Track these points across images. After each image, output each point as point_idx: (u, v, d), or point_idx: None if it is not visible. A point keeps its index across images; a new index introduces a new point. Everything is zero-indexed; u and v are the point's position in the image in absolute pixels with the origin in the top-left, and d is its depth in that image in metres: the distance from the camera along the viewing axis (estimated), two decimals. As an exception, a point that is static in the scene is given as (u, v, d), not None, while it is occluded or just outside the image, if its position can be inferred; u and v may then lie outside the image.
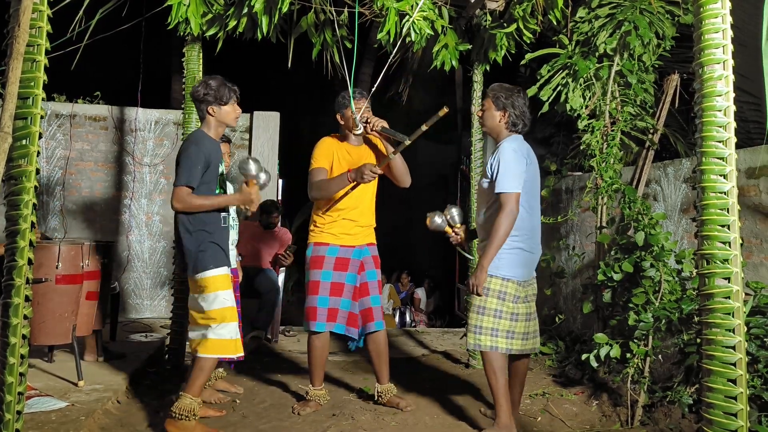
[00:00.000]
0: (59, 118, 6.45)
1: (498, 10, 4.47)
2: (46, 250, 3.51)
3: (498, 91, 3.28)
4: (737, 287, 2.18)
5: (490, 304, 3.13)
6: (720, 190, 2.22)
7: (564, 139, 7.34)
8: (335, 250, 3.50)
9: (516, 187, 3.07)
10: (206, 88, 3.11)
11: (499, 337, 3.13)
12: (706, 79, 2.26)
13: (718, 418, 2.15)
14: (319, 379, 3.60)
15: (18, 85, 2.10)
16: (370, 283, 3.58)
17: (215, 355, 3.02)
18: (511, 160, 3.11)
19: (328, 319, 3.45)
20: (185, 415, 2.94)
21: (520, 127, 3.27)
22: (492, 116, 3.27)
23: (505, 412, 3.11)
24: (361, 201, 3.54)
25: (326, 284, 3.47)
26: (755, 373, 2.97)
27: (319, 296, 3.46)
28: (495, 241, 3.04)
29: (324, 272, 3.48)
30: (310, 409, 3.54)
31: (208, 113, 3.14)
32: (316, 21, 4.27)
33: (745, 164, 3.65)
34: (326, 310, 3.45)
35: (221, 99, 3.12)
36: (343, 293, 3.48)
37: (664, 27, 4.37)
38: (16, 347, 2.09)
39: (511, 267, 3.14)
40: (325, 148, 3.55)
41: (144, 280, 6.55)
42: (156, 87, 8.38)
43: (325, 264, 3.49)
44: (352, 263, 3.52)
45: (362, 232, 3.57)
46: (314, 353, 3.54)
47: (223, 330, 3.01)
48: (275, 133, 6.78)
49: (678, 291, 3.53)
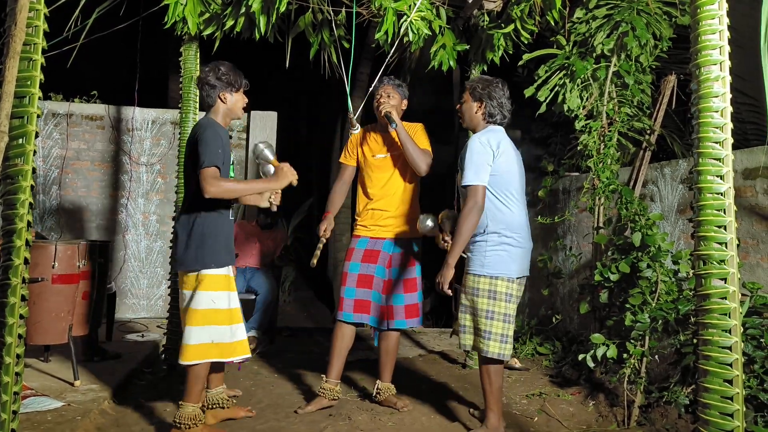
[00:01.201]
0: (56, 117, 6.43)
1: (496, 11, 4.47)
2: (42, 250, 3.50)
3: (475, 82, 3.23)
4: (734, 288, 2.18)
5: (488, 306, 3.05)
6: (717, 191, 2.22)
7: (561, 139, 7.34)
8: (365, 242, 3.57)
9: (480, 180, 2.97)
10: (218, 72, 2.98)
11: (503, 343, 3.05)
12: (703, 80, 2.26)
13: (715, 418, 2.15)
14: (335, 371, 3.53)
15: (14, 84, 2.09)
16: (394, 281, 3.60)
17: (200, 360, 2.88)
18: (475, 151, 3.02)
19: (356, 310, 3.49)
20: (189, 423, 2.90)
21: (498, 118, 3.17)
22: (469, 107, 3.21)
23: (496, 415, 3.09)
24: (389, 189, 3.57)
25: (353, 276, 3.52)
26: (751, 374, 2.98)
27: (347, 287, 3.52)
28: (459, 236, 2.94)
29: (352, 264, 3.55)
30: (313, 408, 3.49)
31: (219, 99, 3.00)
32: (313, 21, 4.26)
33: (741, 165, 3.66)
34: (353, 301, 3.50)
35: (234, 84, 3.00)
36: (373, 285, 3.52)
37: (662, 28, 4.38)
38: (12, 347, 2.09)
39: (499, 264, 3.04)
40: (352, 141, 3.67)
41: (140, 279, 6.54)
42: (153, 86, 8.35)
43: (354, 256, 3.56)
44: (382, 256, 3.55)
45: (395, 222, 3.58)
46: (336, 341, 3.53)
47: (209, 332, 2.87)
48: (273, 133, 6.77)
49: (675, 292, 3.53)
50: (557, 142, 7.48)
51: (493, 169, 3.06)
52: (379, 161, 3.61)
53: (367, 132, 3.69)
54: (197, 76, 3.07)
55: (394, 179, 3.60)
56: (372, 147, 3.64)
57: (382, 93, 3.56)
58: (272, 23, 4.08)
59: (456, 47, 4.52)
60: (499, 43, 4.51)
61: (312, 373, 4.33)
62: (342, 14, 4.27)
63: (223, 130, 2.98)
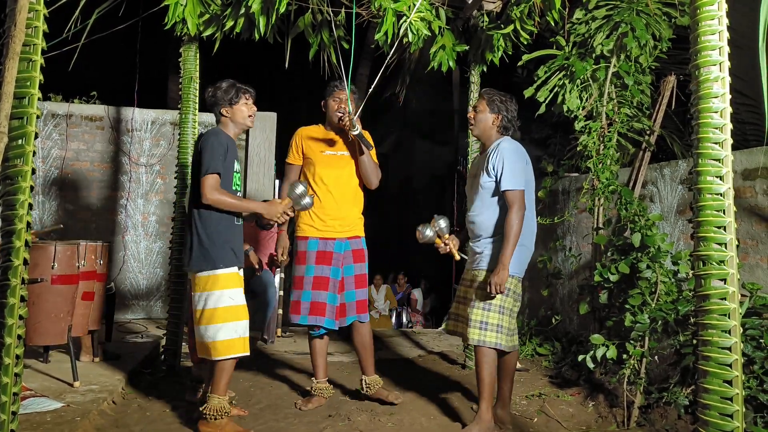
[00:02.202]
0: (55, 117, 6.43)
1: (495, 11, 4.47)
2: (41, 250, 3.50)
3: (493, 94, 3.39)
4: (733, 288, 2.18)
5: (498, 301, 3.19)
6: (716, 191, 2.22)
7: (561, 140, 7.36)
8: (315, 243, 3.56)
9: (520, 185, 3.19)
10: (216, 90, 3.21)
11: (503, 334, 3.18)
12: (702, 80, 2.26)
13: (714, 419, 2.15)
14: (321, 372, 3.66)
15: (14, 85, 2.09)
16: (346, 278, 3.61)
17: (231, 355, 3.03)
18: (514, 158, 3.22)
19: (311, 312, 3.50)
20: (216, 414, 3.02)
21: (511, 131, 3.37)
22: (485, 118, 3.37)
23: (488, 408, 3.18)
24: (340, 188, 3.57)
25: (309, 279, 3.53)
26: (751, 375, 2.98)
27: (303, 291, 3.53)
28: (512, 238, 3.12)
29: (307, 267, 3.55)
30: (313, 405, 3.57)
31: (222, 114, 3.22)
32: (313, 21, 4.26)
33: (741, 166, 3.66)
34: (309, 304, 3.51)
35: (230, 101, 3.20)
36: (329, 287, 3.53)
37: (661, 29, 4.38)
38: (11, 348, 2.08)
39: (515, 264, 3.19)
40: (295, 138, 3.67)
41: (140, 280, 6.54)
42: (153, 87, 8.36)
43: (307, 258, 3.56)
44: (335, 257, 3.56)
45: (341, 225, 3.58)
46: (313, 346, 3.66)
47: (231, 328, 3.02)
48: (272, 134, 6.78)
49: (674, 292, 3.53)
50: (557, 143, 7.50)
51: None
52: (329, 158, 3.59)
53: (313, 129, 3.69)
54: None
55: (346, 178, 3.59)
56: (321, 144, 3.62)
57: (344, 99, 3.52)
58: (272, 24, 4.08)
59: (455, 48, 4.52)
60: (499, 44, 4.51)
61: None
62: (342, 15, 4.27)
63: (228, 138, 3.17)
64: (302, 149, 3.65)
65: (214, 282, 3.04)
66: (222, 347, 3.01)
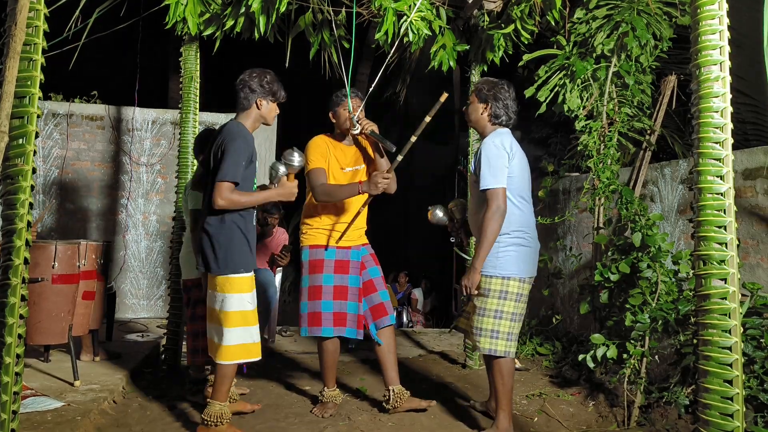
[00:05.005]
0: (56, 117, 6.43)
1: (496, 11, 4.47)
2: (42, 250, 3.50)
3: (481, 83, 3.26)
4: (734, 288, 2.18)
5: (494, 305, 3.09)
6: (717, 191, 2.22)
7: (561, 139, 7.35)
8: (333, 252, 3.45)
9: (500, 182, 3.01)
10: (262, 79, 3.00)
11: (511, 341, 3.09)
12: (703, 80, 2.26)
13: (715, 418, 2.16)
14: (332, 381, 3.57)
15: (15, 84, 2.09)
16: (375, 279, 3.55)
17: (234, 361, 2.97)
18: (492, 155, 3.05)
19: (336, 323, 3.39)
20: (216, 420, 2.96)
21: (504, 120, 3.20)
22: (475, 109, 3.25)
23: (507, 416, 3.10)
24: (358, 206, 3.50)
25: (329, 288, 3.41)
26: (751, 374, 2.98)
27: (323, 300, 3.39)
28: (485, 240, 2.98)
29: (325, 276, 3.42)
30: (330, 411, 3.49)
31: (255, 104, 3.01)
32: (313, 21, 4.26)
33: (741, 165, 3.66)
34: (332, 315, 3.39)
35: (274, 94, 3.03)
36: (348, 296, 3.43)
37: (662, 28, 4.38)
38: (12, 347, 2.08)
39: (511, 265, 3.08)
40: (322, 147, 3.50)
41: (140, 280, 6.54)
42: (153, 86, 8.36)
43: (325, 267, 3.43)
44: (353, 264, 3.49)
45: (357, 234, 3.54)
46: (326, 357, 3.50)
47: (244, 333, 2.96)
48: (272, 133, 6.78)
49: (675, 292, 3.53)
50: (557, 143, 7.49)
51: (508, 172, 3.09)
52: (349, 175, 3.52)
53: (330, 143, 3.53)
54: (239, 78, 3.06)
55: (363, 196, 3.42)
56: (340, 160, 3.51)
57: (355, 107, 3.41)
58: (272, 23, 4.09)
59: (456, 47, 4.52)
60: (499, 44, 4.51)
61: (312, 373, 4.33)
62: (342, 14, 4.27)
63: (252, 138, 2.99)
64: (328, 160, 3.50)
65: (228, 285, 2.93)
66: (228, 352, 2.94)
